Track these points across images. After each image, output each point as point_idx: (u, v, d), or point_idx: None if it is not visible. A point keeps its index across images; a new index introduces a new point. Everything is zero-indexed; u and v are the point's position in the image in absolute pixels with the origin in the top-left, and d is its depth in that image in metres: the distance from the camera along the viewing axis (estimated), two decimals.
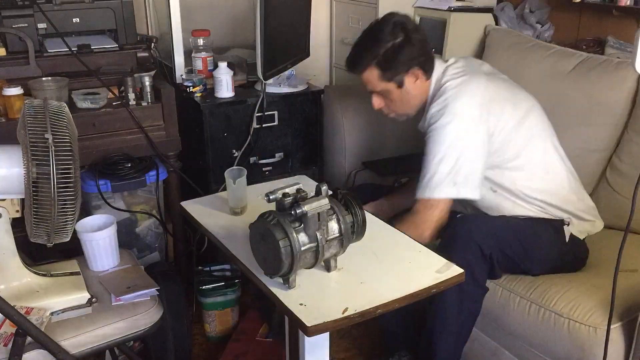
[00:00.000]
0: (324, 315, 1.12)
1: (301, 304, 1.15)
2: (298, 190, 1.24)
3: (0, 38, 2.15)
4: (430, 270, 1.28)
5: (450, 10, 2.68)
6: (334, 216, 1.25)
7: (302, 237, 1.19)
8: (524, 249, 1.70)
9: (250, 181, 1.64)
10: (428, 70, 1.76)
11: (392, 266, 1.31)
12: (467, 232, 1.63)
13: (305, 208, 1.17)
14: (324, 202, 1.20)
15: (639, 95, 2.03)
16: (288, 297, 1.18)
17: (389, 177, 2.34)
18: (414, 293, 1.21)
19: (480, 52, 2.69)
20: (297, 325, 1.13)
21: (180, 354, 1.97)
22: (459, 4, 2.71)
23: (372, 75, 1.73)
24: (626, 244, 1.31)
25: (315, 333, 1.11)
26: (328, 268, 1.30)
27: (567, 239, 1.77)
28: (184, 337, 1.99)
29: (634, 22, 2.43)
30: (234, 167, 1.56)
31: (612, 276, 1.34)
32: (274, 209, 1.24)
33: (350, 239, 1.27)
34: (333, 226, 1.24)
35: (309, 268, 1.26)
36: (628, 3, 2.33)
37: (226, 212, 1.54)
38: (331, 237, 1.24)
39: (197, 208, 1.57)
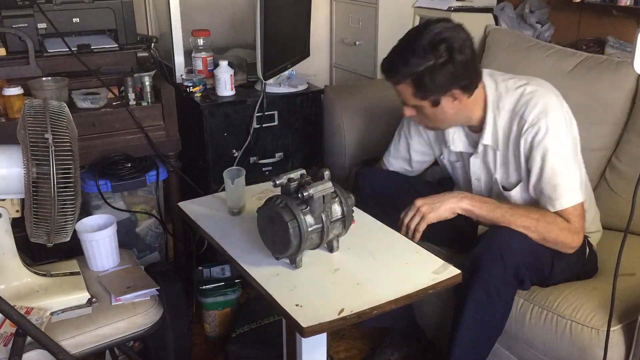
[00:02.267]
0: (320, 316, 1.12)
1: (297, 305, 1.16)
2: (302, 175, 1.32)
3: (0, 38, 2.15)
4: (427, 271, 1.28)
5: (450, 10, 2.68)
6: (336, 199, 1.33)
7: (309, 219, 1.27)
8: (551, 264, 1.67)
9: (251, 181, 1.64)
10: (471, 90, 1.63)
11: (388, 267, 1.31)
12: (505, 246, 1.57)
13: (311, 191, 1.25)
14: (328, 186, 1.28)
15: (638, 95, 2.03)
16: (284, 298, 1.18)
17: None
18: (411, 294, 1.21)
19: (480, 52, 2.68)
20: (293, 326, 1.13)
21: (180, 354, 1.97)
22: (459, 4, 2.72)
23: (405, 90, 1.60)
24: (626, 246, 1.31)
25: (311, 334, 1.11)
26: (331, 249, 1.36)
27: (587, 253, 1.75)
28: (184, 337, 1.99)
29: (634, 22, 2.43)
30: (233, 167, 1.56)
31: (612, 278, 1.34)
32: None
33: (351, 219, 1.34)
34: (336, 208, 1.32)
35: (314, 249, 1.33)
36: (628, 3, 2.33)
37: (224, 213, 1.54)
38: (334, 218, 1.31)
39: (195, 208, 1.57)
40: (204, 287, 2.16)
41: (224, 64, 2.29)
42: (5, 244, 1.46)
